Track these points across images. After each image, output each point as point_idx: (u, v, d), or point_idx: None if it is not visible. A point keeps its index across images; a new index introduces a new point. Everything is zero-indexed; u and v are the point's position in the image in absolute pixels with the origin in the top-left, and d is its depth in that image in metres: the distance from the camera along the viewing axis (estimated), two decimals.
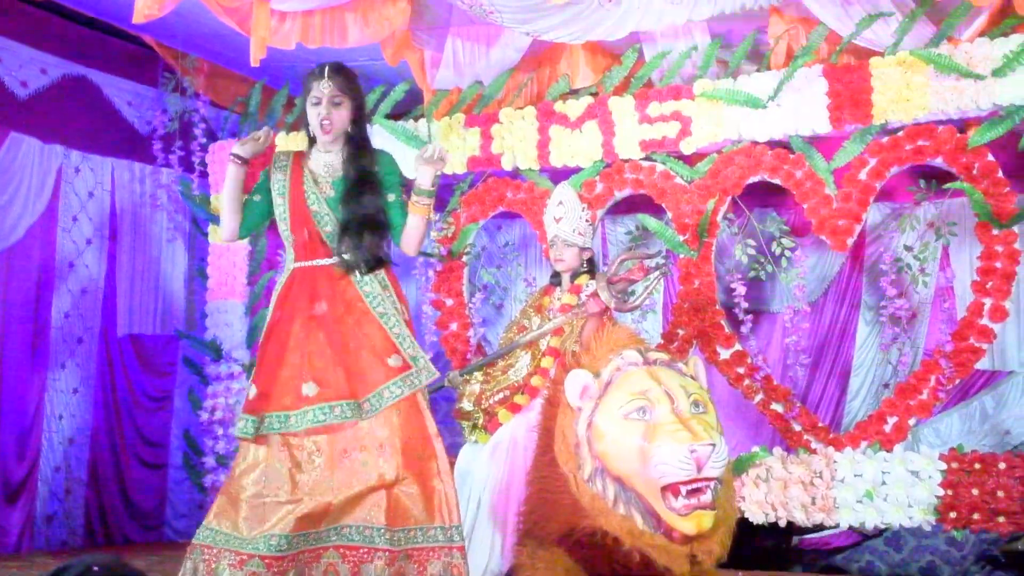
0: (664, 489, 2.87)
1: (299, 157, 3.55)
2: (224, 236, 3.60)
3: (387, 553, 3.21)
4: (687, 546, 2.95)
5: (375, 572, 3.21)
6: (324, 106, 3.43)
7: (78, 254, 6.07)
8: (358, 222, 3.38)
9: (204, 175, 6.50)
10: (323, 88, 3.42)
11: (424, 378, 3.40)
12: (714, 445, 2.85)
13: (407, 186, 3.56)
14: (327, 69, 3.46)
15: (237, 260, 6.42)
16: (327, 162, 3.50)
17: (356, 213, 3.39)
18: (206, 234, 6.55)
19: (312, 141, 3.55)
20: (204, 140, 6.41)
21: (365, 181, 3.43)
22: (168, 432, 6.54)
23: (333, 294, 3.39)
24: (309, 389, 3.32)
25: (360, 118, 3.53)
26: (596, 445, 3.03)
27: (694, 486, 2.85)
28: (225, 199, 3.50)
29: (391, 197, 3.49)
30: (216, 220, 6.41)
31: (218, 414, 6.22)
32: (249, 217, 3.53)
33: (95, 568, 1.95)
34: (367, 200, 3.41)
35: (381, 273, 3.46)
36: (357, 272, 3.39)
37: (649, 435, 2.90)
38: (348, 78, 3.49)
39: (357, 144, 3.50)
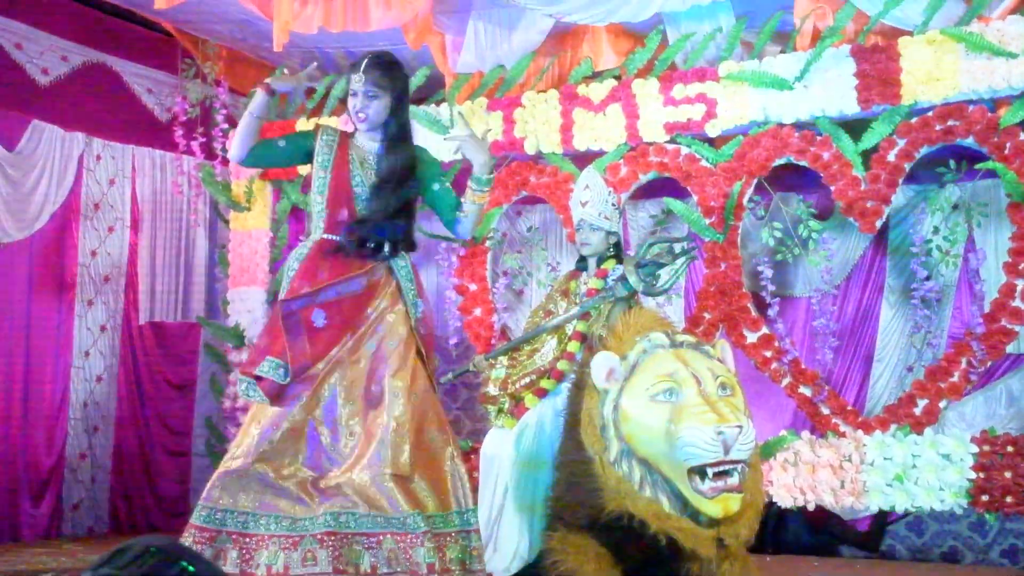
0: (691, 471, 2.84)
1: (346, 136, 3.56)
2: (231, 155, 3.59)
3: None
4: (714, 529, 2.91)
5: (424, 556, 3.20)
6: (360, 99, 3.44)
7: (100, 241, 6.08)
8: (387, 213, 3.43)
9: (225, 162, 6.49)
10: (358, 82, 3.43)
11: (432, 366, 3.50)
12: (741, 427, 2.81)
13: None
14: (364, 62, 3.45)
15: (258, 247, 6.42)
16: (371, 149, 3.52)
17: (388, 205, 3.42)
18: (227, 221, 6.55)
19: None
20: (225, 126, 6.40)
21: (396, 177, 3.45)
22: (191, 419, 6.55)
23: (364, 274, 3.42)
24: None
25: (400, 109, 3.52)
26: (622, 427, 3.00)
27: (721, 468, 2.81)
28: (244, 121, 3.49)
29: (436, 187, 3.58)
30: (238, 207, 6.42)
31: (240, 401, 6.22)
32: (263, 150, 3.55)
33: (152, 549, 1.95)
34: (397, 194, 3.44)
35: (407, 266, 3.51)
36: (386, 252, 3.44)
37: (676, 417, 2.87)
38: (387, 70, 3.47)
39: (394, 137, 3.51)
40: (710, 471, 2.81)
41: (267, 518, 3.19)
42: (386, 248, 3.45)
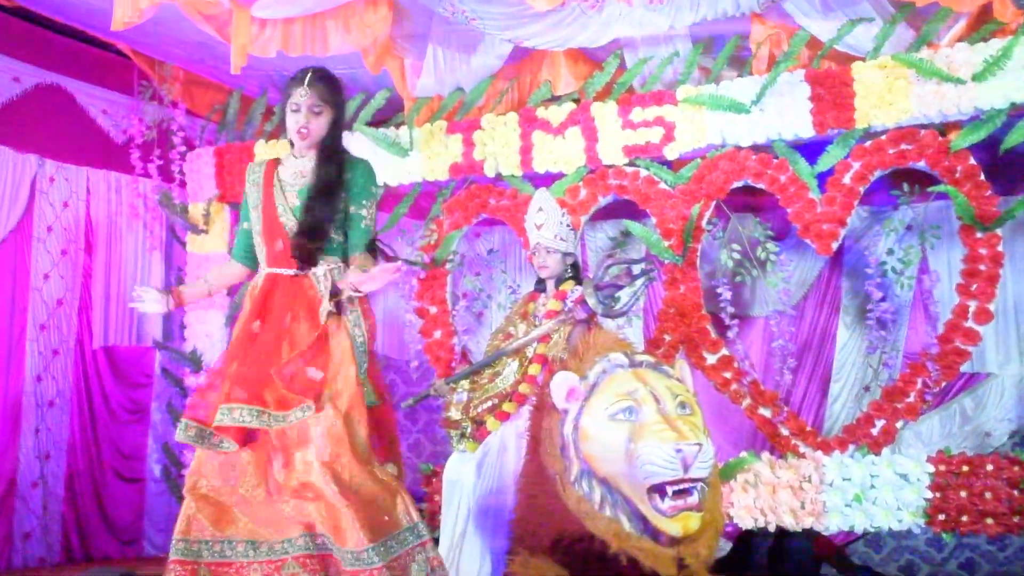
0: (651, 490, 2.83)
1: (272, 166, 3.52)
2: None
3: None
4: (674, 548, 2.91)
5: None
6: (303, 114, 3.38)
7: (53, 265, 5.97)
8: (308, 230, 3.35)
9: (183, 184, 6.43)
10: (303, 96, 3.37)
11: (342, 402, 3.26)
12: (700, 445, 2.82)
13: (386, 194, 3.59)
14: (309, 76, 3.39)
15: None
16: (298, 169, 3.47)
17: (310, 221, 3.35)
18: (184, 243, 6.47)
19: (292, 144, 3.52)
20: (183, 148, 6.35)
21: (325, 190, 3.38)
22: (145, 445, 6.43)
23: (297, 304, 3.35)
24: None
25: (337, 126, 3.48)
26: (582, 446, 2.99)
27: (681, 487, 2.81)
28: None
29: (353, 209, 3.43)
30: (195, 230, 6.35)
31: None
32: (241, 244, 3.64)
33: None
34: (321, 209, 3.36)
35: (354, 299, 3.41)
36: (321, 285, 3.34)
37: (635, 435, 2.87)
38: (331, 86, 3.43)
39: (327, 152, 3.44)
40: (670, 489, 2.81)
41: (244, 544, 3.14)
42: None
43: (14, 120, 5.76)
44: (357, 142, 5.91)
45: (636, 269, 4.20)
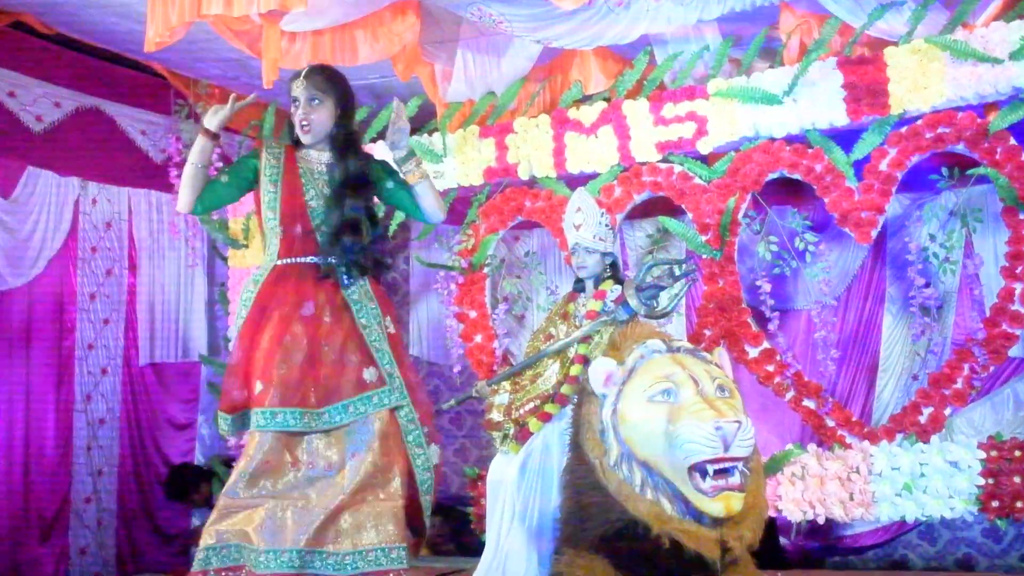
0: (691, 470, 2.81)
1: (292, 150, 3.45)
2: (179, 207, 3.46)
3: None
4: (717, 530, 2.88)
5: None
6: (302, 107, 3.35)
7: (98, 285, 6.08)
8: (341, 226, 3.31)
9: None
10: (299, 89, 3.35)
11: (393, 399, 3.32)
12: (740, 423, 2.79)
13: None
14: (305, 70, 3.39)
15: None
16: (320, 160, 3.43)
17: (341, 218, 3.31)
18: (225, 259, 6.55)
19: (297, 143, 3.46)
20: (220, 165, 6.40)
21: (349, 185, 3.34)
22: (192, 458, 6.51)
23: (319, 295, 3.32)
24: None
25: (345, 118, 3.43)
26: (621, 430, 2.97)
27: (721, 466, 2.79)
28: (188, 172, 3.38)
29: (390, 185, 3.48)
30: (236, 244, 6.42)
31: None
32: (210, 196, 3.42)
33: None
34: (350, 204, 3.33)
35: (365, 284, 3.40)
36: (344, 277, 3.34)
37: (674, 416, 2.85)
38: (329, 77, 3.40)
39: (341, 145, 3.39)
40: (710, 468, 2.79)
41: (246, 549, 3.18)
42: (351, 273, 3.35)
43: (56, 144, 5.88)
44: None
45: (678, 270, 4.16)
